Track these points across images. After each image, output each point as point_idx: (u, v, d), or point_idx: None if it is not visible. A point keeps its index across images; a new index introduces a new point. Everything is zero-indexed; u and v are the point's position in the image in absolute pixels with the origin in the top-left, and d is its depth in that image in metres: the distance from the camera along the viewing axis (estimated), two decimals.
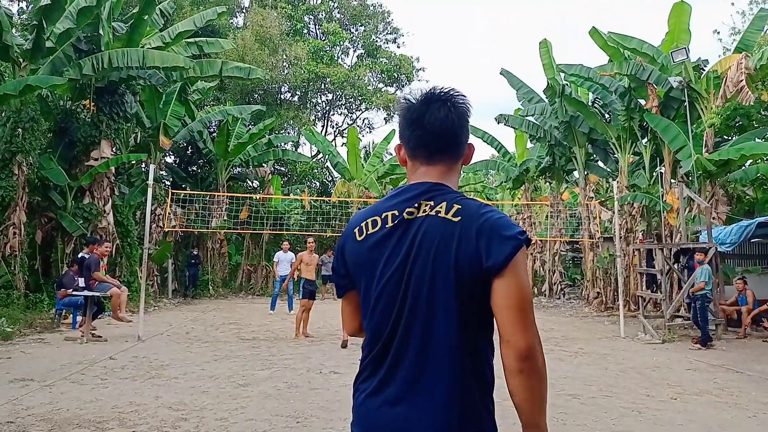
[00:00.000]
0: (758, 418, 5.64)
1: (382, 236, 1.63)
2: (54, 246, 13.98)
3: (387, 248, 1.62)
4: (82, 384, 6.65)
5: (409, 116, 1.70)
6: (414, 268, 1.58)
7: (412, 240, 1.59)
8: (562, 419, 5.46)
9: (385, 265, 1.61)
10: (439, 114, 1.66)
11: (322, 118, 35.41)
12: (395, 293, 1.59)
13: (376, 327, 1.63)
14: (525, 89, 19.76)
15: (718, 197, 14.41)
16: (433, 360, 1.55)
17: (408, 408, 1.55)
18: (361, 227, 1.68)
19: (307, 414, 5.49)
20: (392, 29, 35.40)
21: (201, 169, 22.78)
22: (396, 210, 1.64)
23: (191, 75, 15.99)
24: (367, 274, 1.65)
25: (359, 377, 1.70)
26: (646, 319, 12.09)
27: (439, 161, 1.69)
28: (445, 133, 1.67)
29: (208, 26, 19.98)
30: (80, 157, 14.55)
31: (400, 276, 1.59)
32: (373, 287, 1.63)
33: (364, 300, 1.67)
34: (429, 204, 1.61)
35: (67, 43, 13.33)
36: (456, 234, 1.55)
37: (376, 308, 1.63)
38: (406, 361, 1.57)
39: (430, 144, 1.68)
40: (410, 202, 1.63)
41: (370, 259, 1.64)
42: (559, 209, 21.15)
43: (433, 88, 1.72)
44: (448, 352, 1.55)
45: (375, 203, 1.73)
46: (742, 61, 13.08)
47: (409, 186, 1.69)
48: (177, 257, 21.25)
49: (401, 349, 1.58)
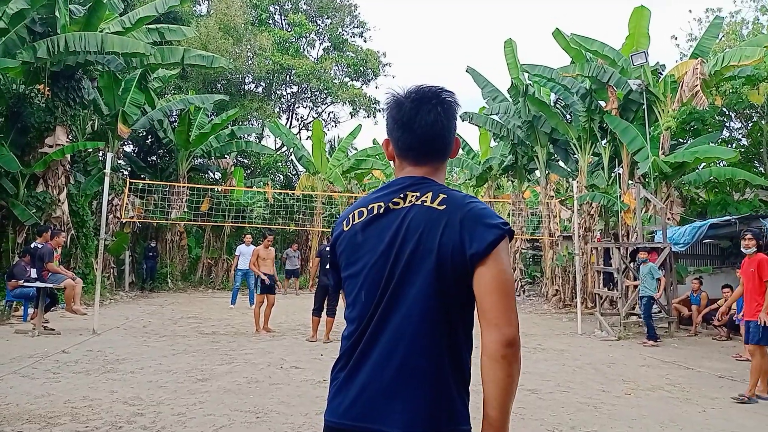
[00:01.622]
0: (707, 413, 5.85)
1: (366, 223, 1.66)
2: (5, 235, 13.47)
3: (372, 236, 1.64)
4: (33, 378, 6.43)
5: (398, 117, 1.71)
6: (399, 255, 1.58)
7: (398, 228, 1.60)
8: (521, 414, 5.54)
9: (370, 252, 1.63)
10: (429, 118, 1.68)
11: (287, 110, 35.05)
12: (378, 280, 1.59)
13: (358, 315, 1.63)
14: (490, 88, 19.96)
15: (672, 198, 14.87)
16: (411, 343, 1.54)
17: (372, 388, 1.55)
18: (348, 219, 1.72)
19: (267, 409, 5.44)
20: (359, 23, 35.25)
21: (161, 159, 22.24)
22: (382, 201, 1.67)
23: (152, 62, 15.54)
24: (351, 261, 1.67)
25: (336, 366, 1.67)
26: (602, 316, 12.39)
27: (427, 163, 1.72)
28: (435, 138, 1.70)
29: (170, 13, 19.49)
30: (34, 144, 14.01)
31: (384, 262, 1.60)
32: (358, 274, 1.64)
33: (349, 288, 1.68)
34: (415, 195, 1.64)
35: (21, 24, 12.80)
36: (441, 222, 1.57)
37: (359, 296, 1.63)
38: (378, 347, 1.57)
39: (419, 148, 1.71)
40: (396, 193, 1.66)
41: (355, 246, 1.67)
42: (521, 207, 21.47)
43: (423, 87, 1.73)
44: (427, 336, 1.54)
45: (363, 197, 1.77)
46: (698, 67, 13.50)
47: (395, 180, 1.73)
48: (134, 249, 20.75)
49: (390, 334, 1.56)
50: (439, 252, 1.54)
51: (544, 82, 17.62)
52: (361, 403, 1.55)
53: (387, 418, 1.51)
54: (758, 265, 6.43)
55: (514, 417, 5.41)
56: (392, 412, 1.51)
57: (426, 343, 1.54)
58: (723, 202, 15.33)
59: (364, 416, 1.54)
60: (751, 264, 6.51)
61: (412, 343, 1.54)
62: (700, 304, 12.24)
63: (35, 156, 13.93)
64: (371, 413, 1.53)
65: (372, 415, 1.53)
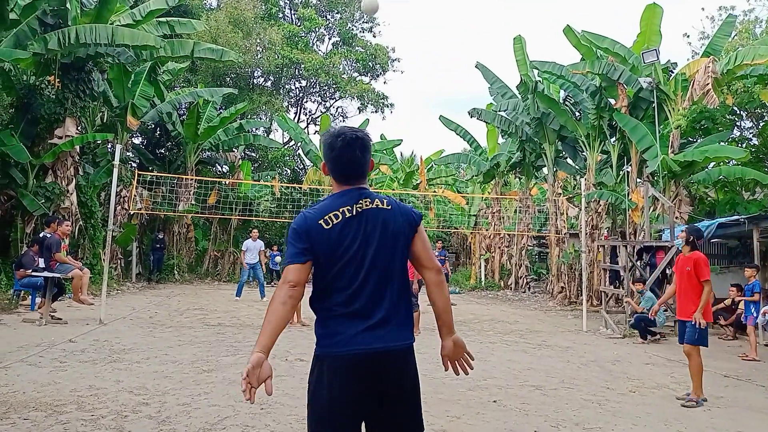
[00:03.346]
0: (711, 412, 5.83)
1: (345, 222, 2.41)
2: (13, 225, 13.57)
3: (351, 230, 2.41)
4: (40, 366, 6.48)
5: (331, 154, 2.52)
6: (371, 239, 2.42)
7: (366, 223, 2.43)
8: (525, 410, 5.54)
9: (352, 241, 2.40)
10: (353, 154, 2.49)
11: (295, 104, 35.04)
12: (361, 257, 2.39)
13: (347, 280, 2.38)
14: (499, 84, 19.90)
15: (681, 197, 14.78)
16: (393, 293, 2.43)
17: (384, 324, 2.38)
18: (326, 219, 2.40)
19: (271, 400, 5.45)
20: (368, 18, 35.13)
21: (169, 152, 22.33)
22: (347, 206, 2.44)
23: (162, 55, 15.58)
24: (333, 250, 2.38)
25: (326, 319, 2.41)
26: (608, 314, 12.36)
27: (354, 183, 2.53)
28: (357, 166, 2.52)
29: (181, 6, 19.55)
30: (43, 135, 14.10)
31: (362, 246, 2.40)
32: (341, 258, 2.38)
33: (330, 265, 2.39)
34: (367, 201, 2.47)
35: (32, 15, 12.88)
36: (390, 216, 2.48)
37: (346, 268, 2.38)
38: (376, 299, 2.39)
39: (347, 174, 2.52)
40: (355, 201, 2.46)
41: (337, 239, 2.39)
42: (528, 204, 21.42)
43: (347, 131, 2.52)
44: (399, 286, 2.46)
45: (324, 203, 2.49)
46: (710, 65, 13.39)
47: (345, 191, 2.50)
48: (142, 240, 20.86)
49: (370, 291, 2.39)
50: (394, 232, 2.46)
51: (554, 79, 17.55)
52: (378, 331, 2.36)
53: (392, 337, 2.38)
54: (695, 265, 6.25)
55: (518, 413, 5.43)
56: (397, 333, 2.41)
57: (403, 285, 2.48)
58: (732, 202, 15.22)
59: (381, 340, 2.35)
60: (687, 262, 6.33)
61: (396, 288, 2.44)
62: None
63: (45, 147, 14.02)
64: (384, 336, 2.36)
65: (386, 337, 2.36)
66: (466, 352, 2.60)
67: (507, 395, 6.11)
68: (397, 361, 2.38)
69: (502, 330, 11.52)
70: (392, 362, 2.36)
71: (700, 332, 6.14)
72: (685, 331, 6.28)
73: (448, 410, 5.42)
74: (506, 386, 6.54)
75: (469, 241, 26.08)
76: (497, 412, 5.47)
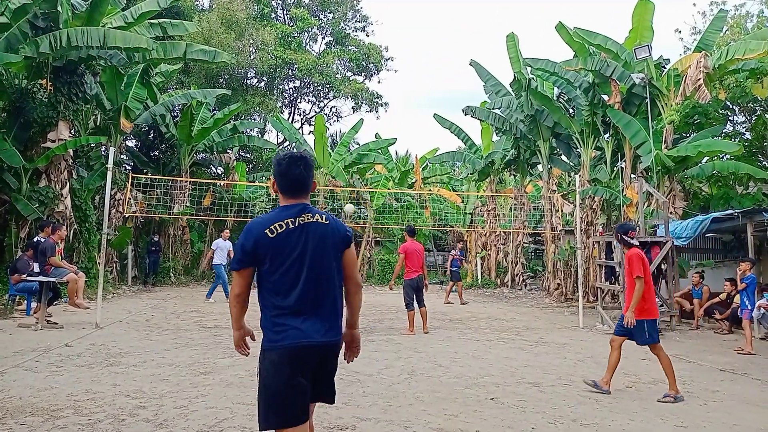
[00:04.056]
0: (708, 406, 5.85)
1: (288, 232, 2.86)
2: (8, 230, 13.51)
3: (292, 239, 2.86)
4: (36, 371, 6.46)
5: (279, 171, 3.00)
6: (310, 249, 2.87)
7: (307, 235, 2.89)
8: (522, 407, 5.56)
9: (293, 248, 2.85)
10: (297, 172, 2.97)
11: (289, 105, 35.03)
12: (301, 263, 2.84)
13: (288, 284, 2.83)
14: (493, 81, 19.91)
15: (675, 192, 14.83)
16: (327, 295, 2.90)
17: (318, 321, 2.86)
18: (271, 228, 2.84)
19: None
20: (361, 17, 35.16)
21: (163, 154, 22.27)
22: (290, 219, 2.89)
23: (154, 57, 15.54)
24: (277, 255, 2.83)
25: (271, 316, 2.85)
26: (604, 310, 12.39)
27: (298, 197, 2.99)
28: (301, 183, 3.00)
29: (173, 7, 19.46)
30: (36, 139, 14.05)
31: (302, 254, 2.85)
32: (283, 262, 2.82)
33: (273, 269, 2.83)
34: (308, 215, 2.93)
35: (23, 19, 12.82)
36: (328, 230, 2.95)
37: (288, 272, 2.83)
38: (312, 301, 2.85)
39: (293, 190, 3.00)
40: (298, 215, 2.91)
41: (280, 246, 2.84)
42: (523, 202, 21.46)
43: (293, 152, 3.02)
44: (331, 290, 2.92)
45: (270, 215, 2.92)
46: (701, 60, 13.43)
47: (289, 206, 2.95)
48: (137, 243, 20.81)
49: (307, 294, 2.84)
50: (332, 245, 2.94)
51: (547, 76, 17.57)
52: (316, 327, 2.84)
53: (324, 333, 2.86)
54: (628, 262, 6.18)
55: (515, 410, 5.44)
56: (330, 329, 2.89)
57: (336, 291, 2.95)
58: (726, 196, 15.28)
59: (315, 335, 2.83)
60: (624, 259, 6.25)
61: (330, 291, 2.91)
62: (701, 298, 12.22)
63: (38, 151, 13.97)
64: (318, 332, 2.84)
65: (319, 333, 2.84)
66: (357, 346, 3.20)
67: (504, 392, 6.13)
68: (328, 351, 2.91)
69: (498, 327, 11.54)
70: (325, 352, 2.88)
71: (648, 331, 6.03)
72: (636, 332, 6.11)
73: (446, 408, 5.43)
74: (503, 383, 6.56)
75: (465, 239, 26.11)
76: (495, 409, 5.48)
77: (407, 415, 5.17)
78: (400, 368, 7.19)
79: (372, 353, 8.26)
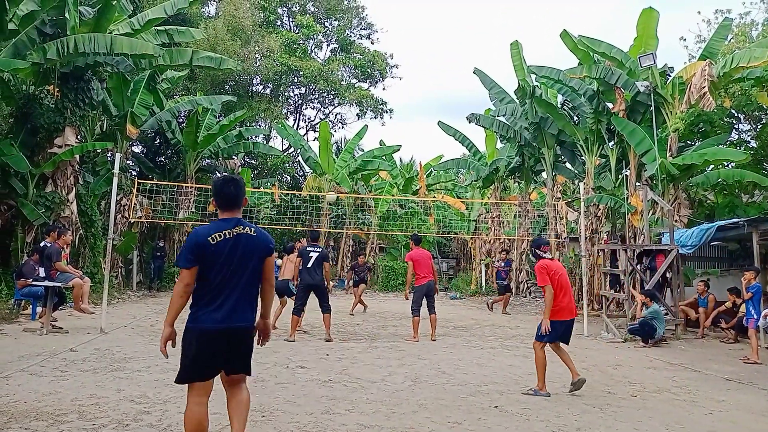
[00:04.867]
0: (714, 416, 5.82)
1: (225, 241, 3.61)
2: (14, 234, 13.57)
3: (227, 247, 3.61)
4: (41, 376, 6.48)
5: (215, 190, 3.75)
6: (238, 255, 3.62)
7: (238, 243, 3.64)
8: (526, 415, 5.54)
9: (224, 254, 3.59)
10: (229, 191, 3.73)
11: (294, 111, 35.13)
12: (229, 266, 3.60)
13: (219, 281, 3.58)
14: (497, 89, 19.94)
15: (680, 201, 14.78)
16: (245, 291, 3.66)
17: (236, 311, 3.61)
18: (212, 237, 3.60)
19: (272, 408, 5.46)
20: (366, 24, 35.28)
21: (169, 160, 22.36)
22: (227, 230, 3.65)
23: (161, 63, 15.62)
24: (213, 258, 3.57)
25: (199, 303, 3.61)
26: (608, 318, 12.34)
27: (232, 212, 3.75)
28: (233, 200, 3.74)
29: (179, 14, 19.61)
30: (43, 144, 14.12)
31: (231, 258, 3.61)
32: (217, 264, 3.57)
33: (209, 270, 3.56)
34: (240, 228, 3.69)
35: (31, 25, 12.93)
36: (254, 241, 3.71)
37: (219, 272, 3.58)
38: (232, 295, 3.61)
39: (227, 205, 3.74)
40: (233, 227, 3.67)
41: (217, 252, 3.58)
42: (527, 209, 21.44)
43: (227, 175, 4.07)
44: (249, 287, 3.69)
45: (212, 225, 3.68)
46: (706, 69, 13.41)
47: (227, 219, 3.71)
48: (142, 249, 20.87)
49: (230, 289, 3.61)
50: (257, 252, 3.70)
51: (552, 84, 17.58)
52: (229, 315, 3.57)
53: (239, 319, 3.62)
54: (535, 272, 6.71)
55: (519, 418, 5.42)
56: (241, 317, 3.64)
57: (253, 289, 3.73)
58: (731, 205, 15.22)
59: (230, 320, 3.58)
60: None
61: (248, 289, 3.68)
62: (707, 307, 12.15)
63: (44, 156, 14.04)
64: (233, 318, 3.59)
65: (234, 319, 3.59)
66: (267, 333, 3.93)
67: (508, 400, 6.11)
68: (238, 335, 3.64)
69: (503, 335, 11.51)
70: (235, 335, 3.63)
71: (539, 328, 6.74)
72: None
73: (449, 416, 5.42)
74: (507, 391, 6.54)
75: (469, 246, 26.08)
76: (499, 417, 5.47)
77: (411, 422, 5.16)
78: (404, 375, 7.18)
79: (375, 360, 8.25)
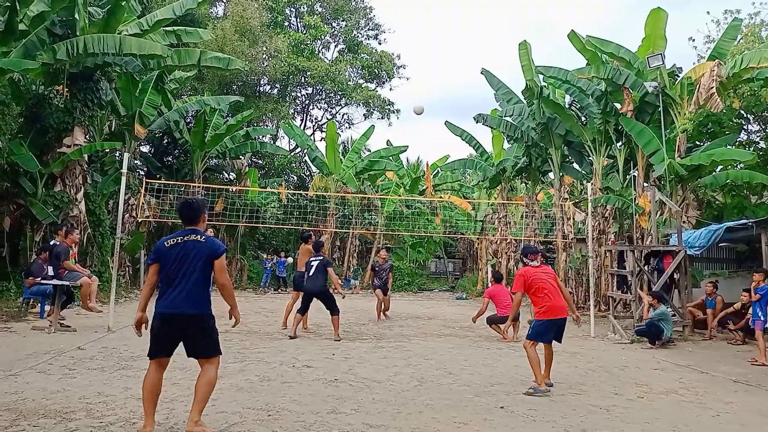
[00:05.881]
0: (721, 417, 5.79)
1: (175, 245, 4.59)
2: (23, 233, 13.68)
3: (176, 250, 4.57)
4: (49, 374, 6.53)
5: (178, 209, 4.94)
6: (188, 257, 4.55)
7: (186, 248, 4.58)
8: (532, 416, 5.53)
9: (173, 255, 4.56)
10: (186, 211, 4.75)
11: (301, 111, 35.21)
12: (179, 265, 4.54)
13: (171, 276, 4.53)
14: (504, 90, 19.89)
15: (688, 201, 14.70)
16: (194, 284, 4.55)
17: (183, 300, 4.51)
18: (168, 242, 4.61)
19: (279, 407, 5.48)
20: (374, 25, 35.32)
21: (176, 160, 22.46)
22: (180, 237, 4.63)
23: (169, 64, 15.71)
24: (166, 258, 4.56)
25: (159, 293, 4.65)
26: (615, 319, 12.30)
27: (189, 225, 4.71)
28: (189, 218, 4.73)
29: (187, 15, 19.65)
30: (52, 144, 14.23)
31: (182, 260, 4.54)
32: (170, 263, 4.54)
33: (164, 267, 4.56)
34: (191, 236, 4.63)
35: (41, 26, 13.02)
36: (203, 245, 4.61)
37: (170, 269, 4.53)
38: (181, 286, 4.51)
39: (185, 221, 4.73)
40: (186, 235, 4.63)
41: (169, 254, 4.56)
42: (534, 209, 21.36)
43: (188, 198, 5.16)
44: (197, 282, 4.56)
45: (173, 234, 4.67)
46: (715, 69, 13.34)
47: (184, 230, 4.66)
48: (150, 248, 20.93)
49: (178, 282, 4.52)
50: (205, 255, 4.58)
51: (559, 84, 17.53)
52: (178, 304, 4.50)
53: (186, 307, 4.52)
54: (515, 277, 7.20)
55: (525, 419, 5.41)
56: (185, 303, 4.52)
57: (201, 283, 4.59)
58: (740, 206, 15.13)
59: (178, 307, 4.51)
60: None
61: (195, 283, 4.55)
62: (715, 308, 12.08)
63: (53, 156, 14.15)
64: (181, 306, 4.50)
65: (181, 306, 4.51)
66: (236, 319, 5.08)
67: (514, 401, 6.10)
68: (187, 320, 4.54)
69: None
70: (184, 320, 4.53)
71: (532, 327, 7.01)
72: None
73: (455, 416, 5.42)
74: (513, 392, 6.53)
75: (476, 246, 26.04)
76: (505, 417, 5.46)
77: (417, 423, 5.16)
78: (410, 375, 7.18)
79: (381, 360, 8.26)
